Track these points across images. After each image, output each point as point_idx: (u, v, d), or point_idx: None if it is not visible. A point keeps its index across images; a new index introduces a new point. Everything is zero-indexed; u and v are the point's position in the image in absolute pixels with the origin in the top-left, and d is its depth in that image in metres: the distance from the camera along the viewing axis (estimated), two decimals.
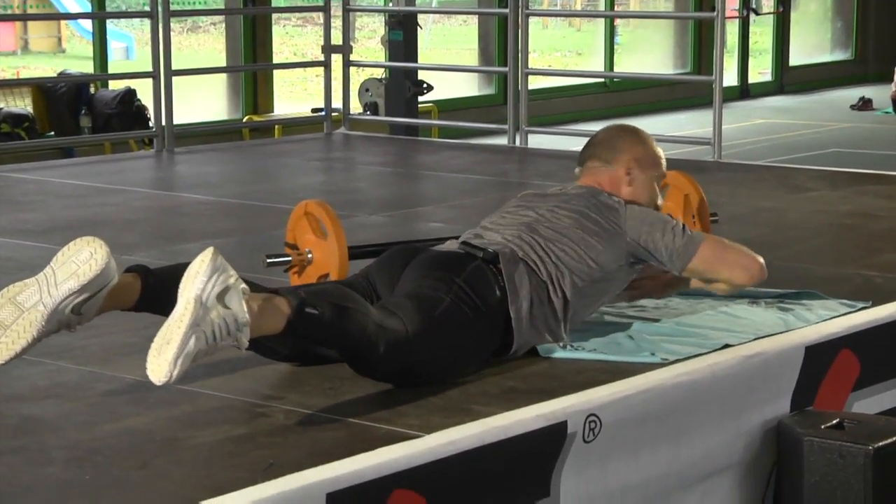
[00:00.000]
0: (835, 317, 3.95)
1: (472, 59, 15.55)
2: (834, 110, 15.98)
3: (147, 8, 8.21)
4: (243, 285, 2.94)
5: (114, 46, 13.97)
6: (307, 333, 3.09)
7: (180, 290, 2.88)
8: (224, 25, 13.46)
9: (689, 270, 3.74)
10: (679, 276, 3.78)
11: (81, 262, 3.04)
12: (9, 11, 13.87)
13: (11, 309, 3.00)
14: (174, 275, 3.25)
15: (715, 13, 7.78)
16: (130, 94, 11.24)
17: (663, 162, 3.95)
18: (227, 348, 2.92)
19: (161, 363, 2.78)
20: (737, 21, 17.20)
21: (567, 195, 3.81)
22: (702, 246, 3.71)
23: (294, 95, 15.31)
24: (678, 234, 3.70)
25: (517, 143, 8.48)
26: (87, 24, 13.70)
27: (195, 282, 2.87)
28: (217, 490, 2.62)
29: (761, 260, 3.76)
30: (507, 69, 8.79)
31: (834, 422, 3.54)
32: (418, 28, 10.80)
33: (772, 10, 18.00)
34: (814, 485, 3.45)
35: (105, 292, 3.09)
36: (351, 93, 9.27)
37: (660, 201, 3.91)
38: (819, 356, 3.73)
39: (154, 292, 3.23)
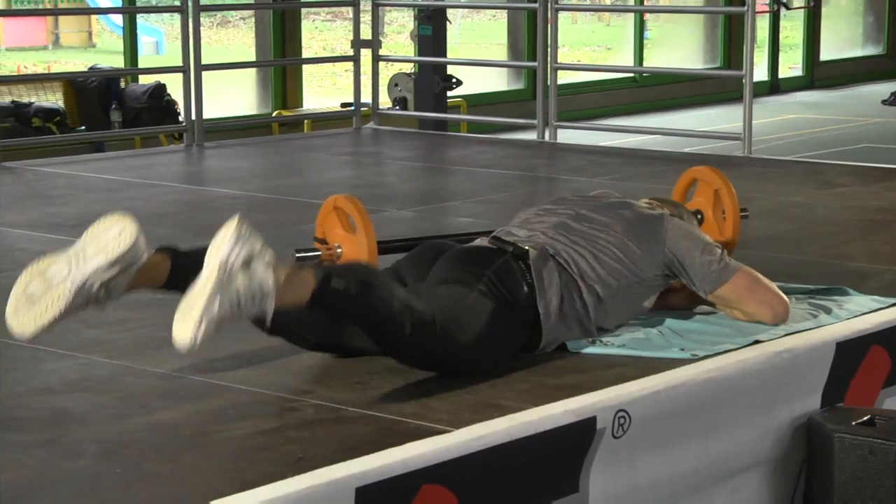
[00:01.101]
0: (865, 313, 3.93)
1: (501, 53, 15.54)
2: (865, 105, 15.89)
3: (177, 3, 8.24)
4: (270, 253, 2.95)
5: (144, 41, 14.03)
6: (332, 306, 3.09)
7: (206, 258, 2.89)
8: (253, 20, 13.49)
9: (717, 296, 3.73)
10: (703, 298, 3.77)
11: (110, 238, 3.05)
12: (40, 6, 13.94)
13: (40, 282, 3.03)
14: (202, 254, 3.27)
15: (745, 8, 7.74)
16: (160, 88, 11.28)
17: None
18: (253, 316, 2.91)
19: (186, 325, 2.80)
20: (767, 15, 17.13)
21: (610, 200, 3.81)
22: (736, 275, 3.71)
23: (323, 90, 15.34)
24: (715, 258, 3.70)
25: (546, 137, 8.47)
26: (118, 18, 13.75)
27: (221, 248, 2.90)
28: (246, 484, 2.62)
29: (788, 303, 3.76)
30: (536, 64, 8.78)
31: (865, 418, 3.52)
32: (447, 23, 10.79)
33: (802, 5, 17.92)
34: (844, 482, 3.43)
35: (134, 269, 3.10)
36: (380, 87, 9.27)
37: None
38: (850, 352, 3.71)
39: (184, 271, 3.24)
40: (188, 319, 2.81)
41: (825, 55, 18.35)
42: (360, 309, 3.11)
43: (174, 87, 10.28)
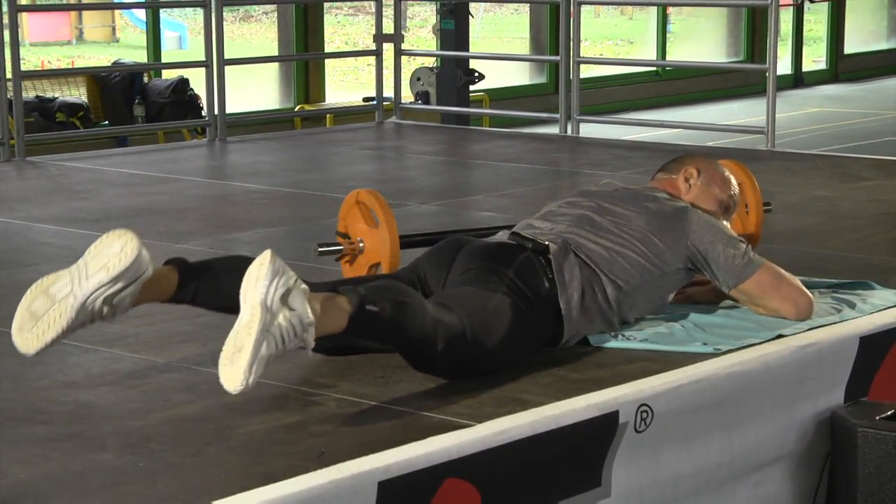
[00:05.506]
0: (889, 307, 3.91)
1: (523, 47, 15.53)
2: (890, 99, 15.83)
3: None
4: (304, 285, 2.94)
5: (167, 36, 14.07)
6: (368, 330, 3.09)
7: (242, 296, 2.88)
8: (276, 15, 13.51)
9: (740, 290, 3.71)
10: (726, 293, 3.76)
11: (112, 254, 3.08)
12: (64, 2, 13.99)
13: (44, 300, 3.06)
14: (212, 267, 3.29)
15: (769, 1, 7.72)
16: (183, 83, 11.31)
17: (733, 189, 3.94)
18: (294, 350, 2.93)
19: (235, 372, 2.78)
20: (791, 8, 17.07)
21: (632, 192, 3.81)
22: (760, 270, 3.69)
23: (345, 84, 15.35)
24: (739, 252, 3.68)
25: (569, 132, 8.46)
26: (141, 13, 13.79)
27: (257, 286, 2.87)
28: (269, 478, 2.63)
29: (812, 298, 3.75)
30: (558, 58, 8.77)
31: (888, 413, 3.51)
32: (470, 17, 10.79)
33: None
34: (868, 476, 3.42)
35: (138, 284, 3.12)
36: (402, 82, 9.27)
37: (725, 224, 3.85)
38: (873, 347, 3.70)
39: (191, 285, 3.27)
40: (238, 364, 2.78)
41: (849, 48, 18.27)
42: (395, 331, 3.11)
43: (197, 81, 10.32)
